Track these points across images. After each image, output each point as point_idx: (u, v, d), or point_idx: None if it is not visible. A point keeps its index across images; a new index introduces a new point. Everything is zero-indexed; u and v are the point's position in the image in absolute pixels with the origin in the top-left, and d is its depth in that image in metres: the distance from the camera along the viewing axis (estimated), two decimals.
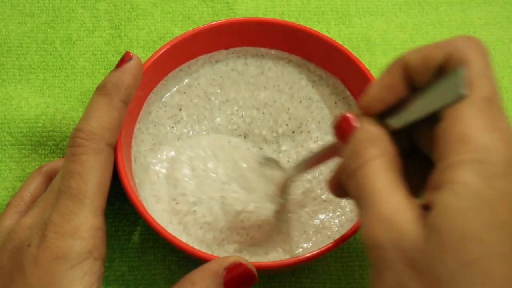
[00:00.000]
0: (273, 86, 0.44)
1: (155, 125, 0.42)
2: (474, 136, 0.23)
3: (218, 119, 0.43)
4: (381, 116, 0.28)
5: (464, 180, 0.23)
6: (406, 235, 0.24)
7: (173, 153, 0.42)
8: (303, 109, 0.43)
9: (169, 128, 0.43)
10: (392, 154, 0.27)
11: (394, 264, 0.24)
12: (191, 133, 0.43)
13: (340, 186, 0.29)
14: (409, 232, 0.24)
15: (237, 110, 0.44)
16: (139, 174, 0.40)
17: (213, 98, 0.44)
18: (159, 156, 0.41)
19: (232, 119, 0.43)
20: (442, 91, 0.25)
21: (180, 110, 0.43)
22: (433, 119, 0.25)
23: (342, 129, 0.28)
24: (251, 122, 0.43)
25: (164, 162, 0.41)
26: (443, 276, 0.22)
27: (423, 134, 0.28)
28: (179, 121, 0.43)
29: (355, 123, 0.28)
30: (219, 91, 0.44)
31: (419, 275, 0.23)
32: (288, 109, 0.43)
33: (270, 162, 0.42)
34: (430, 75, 0.26)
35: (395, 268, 0.24)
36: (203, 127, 0.43)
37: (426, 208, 0.24)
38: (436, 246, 0.23)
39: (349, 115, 0.28)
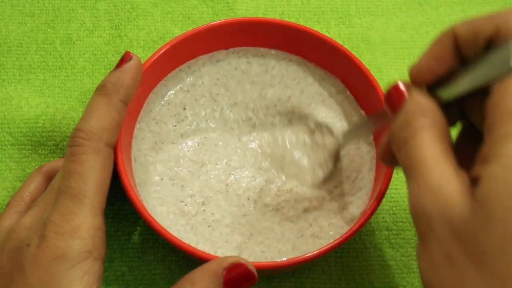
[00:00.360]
0: (279, 82, 0.44)
1: (157, 123, 0.42)
2: None
3: (228, 120, 0.44)
4: (431, 88, 0.28)
5: None
6: (453, 206, 0.24)
7: (176, 151, 0.42)
8: (318, 104, 0.43)
9: (171, 126, 0.42)
10: (442, 125, 0.27)
11: (441, 235, 0.24)
12: (196, 130, 0.43)
13: (391, 156, 0.29)
14: (456, 202, 0.24)
15: (249, 113, 0.44)
16: (139, 174, 0.40)
17: (219, 99, 0.44)
18: (160, 155, 0.41)
19: (243, 118, 0.44)
20: (491, 65, 0.25)
21: (184, 109, 0.43)
22: (484, 93, 0.25)
23: (393, 97, 0.28)
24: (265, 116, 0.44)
25: (167, 161, 0.41)
26: (489, 248, 0.22)
27: (475, 108, 0.28)
28: (183, 120, 0.43)
29: (406, 92, 0.28)
30: (224, 92, 0.44)
31: (465, 247, 0.23)
32: (304, 105, 0.43)
33: (321, 127, 0.42)
34: (480, 47, 0.26)
35: (442, 238, 0.24)
36: (211, 124, 0.43)
37: (474, 181, 0.24)
38: (483, 218, 0.22)
39: (400, 84, 0.28)
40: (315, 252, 0.35)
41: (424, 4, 0.53)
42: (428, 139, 0.26)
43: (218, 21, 0.42)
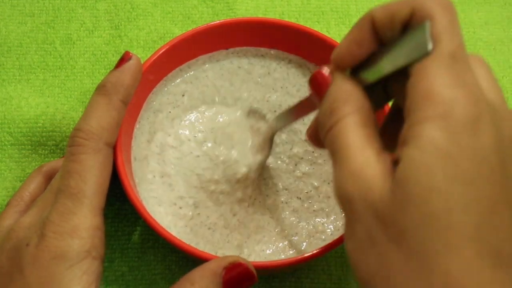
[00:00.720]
0: (281, 87, 0.44)
1: (154, 112, 0.42)
2: (438, 92, 0.23)
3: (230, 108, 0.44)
4: (354, 71, 0.28)
5: (428, 135, 0.23)
6: (373, 188, 0.24)
7: (164, 139, 0.42)
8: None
9: (166, 113, 0.42)
10: (366, 110, 0.27)
11: (363, 217, 0.24)
12: (187, 116, 0.43)
13: (319, 138, 0.29)
14: (376, 185, 0.24)
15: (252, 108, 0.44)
16: (139, 173, 0.40)
17: (222, 91, 0.44)
18: (152, 147, 0.41)
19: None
20: (407, 47, 0.25)
21: (183, 95, 0.43)
22: (406, 75, 0.26)
23: (317, 82, 0.29)
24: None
25: (156, 154, 0.41)
26: (408, 228, 0.23)
27: (399, 89, 0.28)
28: (179, 105, 0.43)
29: (329, 78, 0.28)
30: (228, 85, 0.44)
31: (385, 227, 0.23)
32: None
33: (255, 113, 0.42)
34: (396, 30, 0.26)
35: (364, 220, 0.24)
36: (205, 113, 0.43)
37: (395, 163, 0.24)
38: (401, 199, 0.23)
39: (324, 69, 0.29)
40: (315, 252, 0.35)
41: None
42: (351, 125, 0.26)
43: (218, 21, 0.42)
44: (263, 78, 0.44)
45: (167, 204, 0.40)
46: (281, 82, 0.44)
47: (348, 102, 0.27)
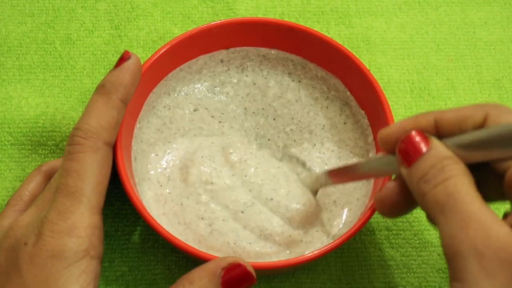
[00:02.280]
0: (294, 109, 0.44)
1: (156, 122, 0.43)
2: None
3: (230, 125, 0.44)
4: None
5: None
6: (507, 247, 0.25)
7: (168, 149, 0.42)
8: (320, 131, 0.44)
9: (168, 123, 0.43)
10: (471, 176, 0.28)
11: (498, 273, 0.24)
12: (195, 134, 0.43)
13: (398, 205, 0.31)
14: (509, 244, 0.25)
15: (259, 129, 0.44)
16: (139, 173, 0.40)
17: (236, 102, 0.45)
18: (156, 152, 0.42)
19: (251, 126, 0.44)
20: (495, 143, 0.27)
21: (195, 110, 0.43)
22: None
23: (413, 144, 0.29)
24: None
25: (157, 161, 0.41)
26: None
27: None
28: (192, 120, 0.43)
29: (424, 140, 0.29)
30: (244, 96, 0.45)
31: None
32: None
33: (293, 159, 0.43)
34: (465, 131, 0.29)
35: (499, 276, 0.24)
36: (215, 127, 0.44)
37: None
38: None
39: (415, 132, 0.30)
40: (315, 252, 0.35)
41: (424, 4, 0.53)
42: (467, 183, 0.27)
43: (218, 21, 0.42)
44: (277, 100, 0.44)
45: (168, 207, 0.40)
46: (293, 105, 0.44)
47: (458, 164, 0.28)
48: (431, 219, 0.28)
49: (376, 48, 0.51)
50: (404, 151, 0.29)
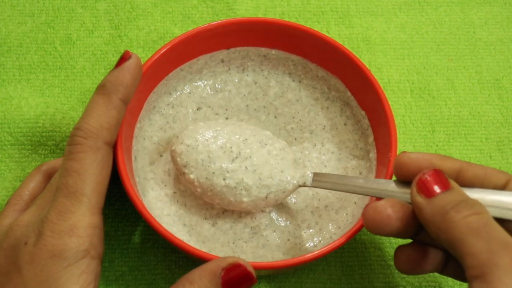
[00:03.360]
0: (295, 108, 0.44)
1: (157, 123, 0.43)
2: None
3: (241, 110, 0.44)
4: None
5: None
6: None
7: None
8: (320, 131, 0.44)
9: (171, 122, 0.43)
10: None
11: None
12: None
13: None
14: None
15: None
16: (140, 173, 0.40)
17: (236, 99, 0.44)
18: (157, 154, 0.42)
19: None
20: None
21: (197, 109, 0.44)
22: None
23: (440, 179, 0.32)
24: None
25: (162, 163, 0.41)
26: None
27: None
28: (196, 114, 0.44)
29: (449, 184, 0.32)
30: (245, 94, 0.45)
31: None
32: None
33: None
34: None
35: None
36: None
37: None
38: None
39: (442, 173, 0.32)
40: (315, 252, 0.35)
41: (424, 4, 0.53)
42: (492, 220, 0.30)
43: (219, 21, 0.42)
44: (278, 99, 0.44)
45: (172, 209, 0.40)
46: (294, 104, 0.44)
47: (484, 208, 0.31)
48: (446, 241, 0.30)
49: (376, 48, 0.51)
50: (424, 182, 0.32)
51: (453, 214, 0.30)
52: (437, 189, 0.31)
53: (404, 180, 0.34)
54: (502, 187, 0.33)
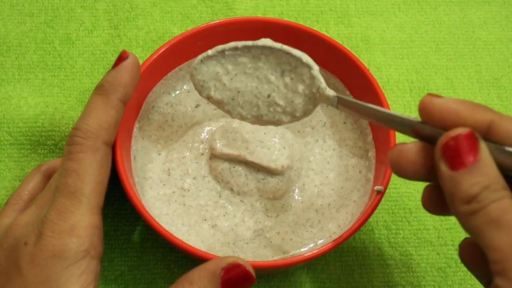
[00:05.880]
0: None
1: (155, 122, 0.42)
2: None
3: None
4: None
5: None
6: None
7: (170, 151, 0.42)
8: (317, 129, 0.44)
9: (170, 121, 0.43)
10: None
11: None
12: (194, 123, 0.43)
13: (413, 167, 0.30)
14: None
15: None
16: (139, 173, 0.40)
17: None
18: (156, 153, 0.42)
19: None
20: None
21: (196, 106, 0.43)
22: None
23: (463, 149, 0.28)
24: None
25: (161, 161, 0.41)
26: None
27: None
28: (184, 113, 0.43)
29: (476, 153, 0.28)
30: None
31: None
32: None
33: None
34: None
35: None
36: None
37: None
38: None
39: (467, 138, 0.28)
40: (314, 252, 0.35)
41: (423, 3, 0.53)
42: None
43: (218, 21, 0.42)
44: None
45: (166, 204, 0.40)
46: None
47: (506, 190, 0.28)
48: (475, 233, 0.28)
49: (375, 47, 0.51)
50: (452, 150, 0.28)
51: (473, 206, 0.28)
52: (462, 160, 0.28)
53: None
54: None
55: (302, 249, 0.39)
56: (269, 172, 0.40)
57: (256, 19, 0.43)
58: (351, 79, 0.42)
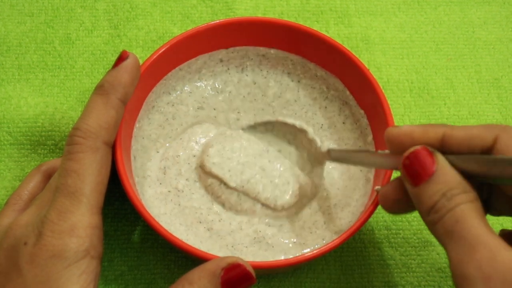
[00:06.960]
0: (292, 110, 0.44)
1: (155, 122, 0.43)
2: None
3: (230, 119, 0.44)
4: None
5: None
6: None
7: (169, 149, 0.42)
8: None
9: (170, 119, 0.43)
10: (479, 202, 0.29)
11: None
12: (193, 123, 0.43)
13: (400, 202, 0.32)
14: None
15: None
16: (139, 172, 0.40)
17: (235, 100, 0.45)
18: (154, 152, 0.41)
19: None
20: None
21: (198, 108, 0.44)
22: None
23: (420, 164, 0.29)
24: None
25: (159, 160, 0.41)
26: None
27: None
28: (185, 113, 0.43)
29: (433, 163, 0.29)
30: (243, 97, 0.44)
31: None
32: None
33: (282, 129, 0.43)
34: (470, 151, 0.29)
35: None
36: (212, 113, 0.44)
37: None
38: None
39: (424, 151, 0.30)
40: (314, 252, 0.35)
41: (423, 3, 0.53)
42: (474, 212, 0.28)
43: (218, 21, 0.42)
44: (276, 100, 0.44)
45: (169, 208, 0.40)
46: (292, 105, 0.44)
47: (466, 193, 0.28)
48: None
49: (375, 47, 0.51)
50: (409, 168, 0.30)
51: (432, 216, 0.29)
52: (420, 175, 0.29)
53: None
54: (490, 148, 0.29)
55: (304, 251, 0.39)
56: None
57: (256, 19, 0.43)
58: (351, 79, 0.42)
